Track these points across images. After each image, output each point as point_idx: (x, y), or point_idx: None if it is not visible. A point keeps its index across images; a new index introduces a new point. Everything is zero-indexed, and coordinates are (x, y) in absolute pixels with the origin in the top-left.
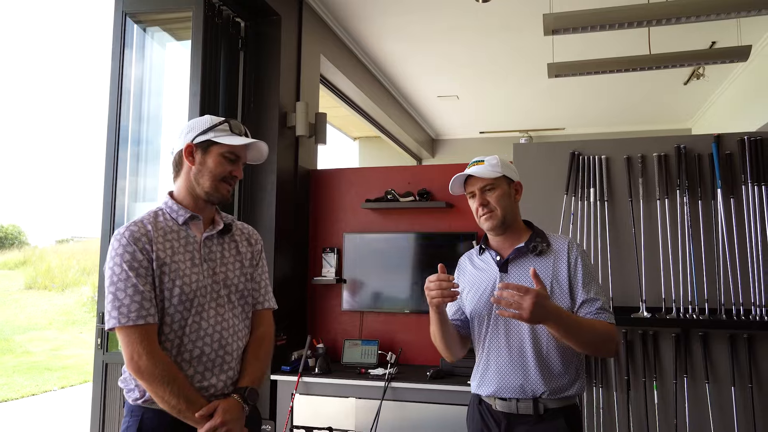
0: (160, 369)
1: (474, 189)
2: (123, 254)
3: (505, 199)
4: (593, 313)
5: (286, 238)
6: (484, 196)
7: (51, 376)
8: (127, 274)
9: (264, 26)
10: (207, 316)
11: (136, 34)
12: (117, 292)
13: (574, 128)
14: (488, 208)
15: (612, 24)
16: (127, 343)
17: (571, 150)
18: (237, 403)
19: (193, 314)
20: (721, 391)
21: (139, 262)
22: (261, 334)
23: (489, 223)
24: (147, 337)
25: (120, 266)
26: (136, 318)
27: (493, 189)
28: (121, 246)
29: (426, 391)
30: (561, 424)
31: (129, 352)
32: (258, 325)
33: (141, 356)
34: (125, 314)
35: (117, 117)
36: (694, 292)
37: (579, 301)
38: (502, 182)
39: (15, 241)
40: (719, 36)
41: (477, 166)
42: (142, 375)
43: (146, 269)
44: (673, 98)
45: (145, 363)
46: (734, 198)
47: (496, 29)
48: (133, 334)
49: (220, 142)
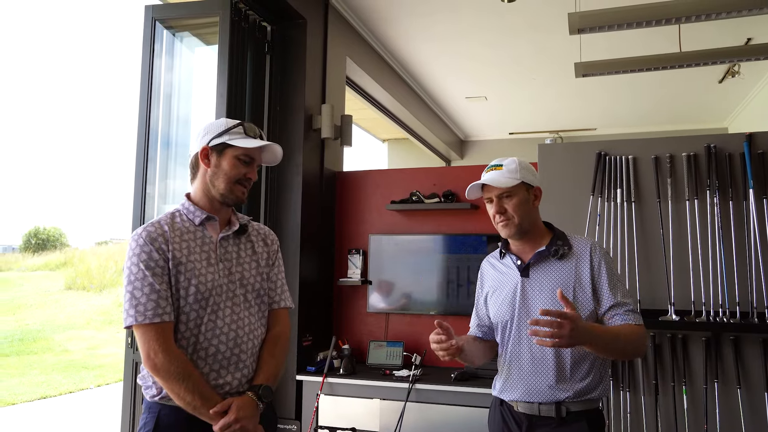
0: (176, 366)
1: (491, 195)
2: (140, 254)
3: (522, 206)
4: (621, 315)
5: (312, 239)
6: (501, 204)
7: (88, 374)
8: (144, 273)
9: (290, 30)
10: (222, 314)
11: (165, 39)
12: (134, 290)
13: (605, 128)
14: (505, 216)
15: (639, 22)
16: (143, 341)
17: (597, 150)
18: (251, 401)
19: (208, 312)
20: (753, 397)
21: (155, 261)
22: (277, 333)
23: (506, 231)
24: (163, 335)
25: (137, 266)
26: (152, 316)
27: (510, 196)
28: (138, 246)
29: (450, 393)
30: (583, 427)
31: (146, 350)
32: (274, 323)
33: (157, 353)
34: (142, 312)
35: (147, 120)
36: (724, 294)
37: (606, 305)
38: (520, 189)
39: (56, 243)
40: (754, 32)
41: (494, 171)
42: (158, 372)
43: (162, 268)
44: (707, 97)
45: (161, 360)
46: (767, 198)
47: (522, 29)
48: (150, 331)
49: (235, 145)
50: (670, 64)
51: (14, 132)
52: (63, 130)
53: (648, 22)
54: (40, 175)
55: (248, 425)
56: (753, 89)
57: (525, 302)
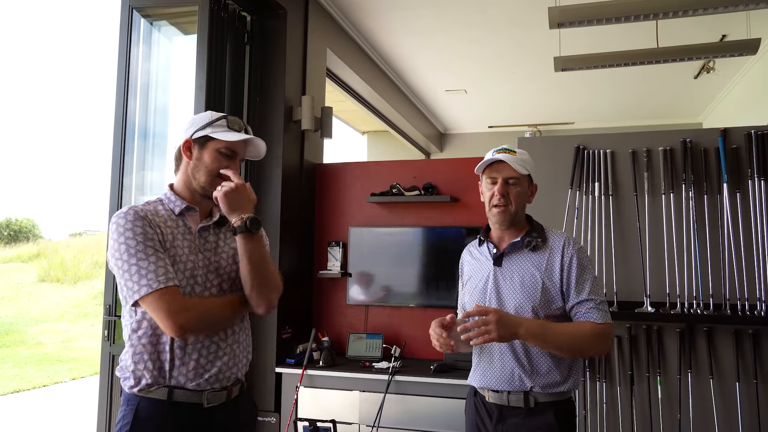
0: (196, 312)
1: (498, 177)
2: (134, 228)
3: (522, 197)
4: (585, 312)
5: (292, 231)
6: (506, 187)
7: (62, 367)
8: (145, 245)
9: (270, 20)
10: (209, 297)
11: (143, 28)
12: (139, 261)
13: (583, 123)
14: (505, 201)
15: (618, 17)
16: (161, 306)
17: (575, 144)
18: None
19: None
20: (725, 387)
21: (151, 235)
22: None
23: (500, 217)
24: (178, 295)
25: (134, 239)
26: (165, 280)
27: (516, 184)
28: (129, 222)
29: (429, 385)
30: (550, 418)
31: (164, 314)
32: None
33: (179, 313)
34: (154, 279)
35: (124, 111)
36: (699, 287)
37: (573, 301)
38: (525, 180)
39: (29, 235)
40: (729, 29)
41: (508, 154)
42: (188, 331)
43: (159, 243)
44: (683, 92)
45: (185, 318)
46: (740, 192)
47: (503, 23)
48: (166, 294)
49: (217, 138)
50: (648, 60)
51: None
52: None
53: (627, 17)
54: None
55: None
56: (727, 85)
57: (497, 291)
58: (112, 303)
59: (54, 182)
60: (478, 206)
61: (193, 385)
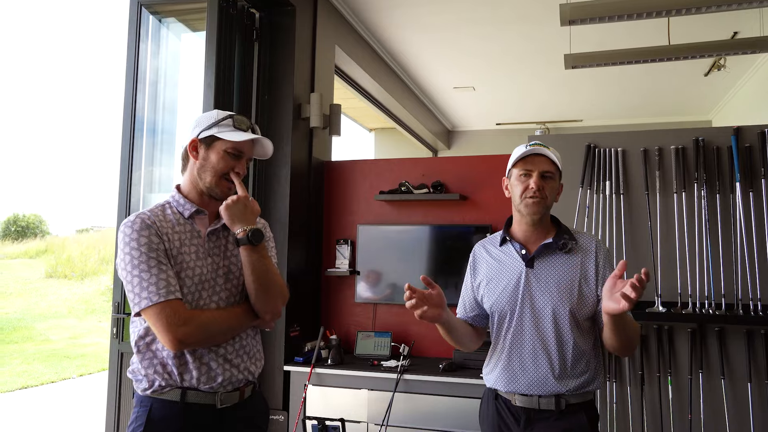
0: (197, 329)
1: (534, 170)
2: (138, 239)
3: (554, 192)
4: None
5: (300, 230)
6: (542, 181)
7: (70, 363)
8: (148, 256)
9: (278, 17)
10: (209, 309)
11: (151, 25)
12: (142, 273)
13: (592, 120)
14: (541, 194)
15: (630, 14)
16: (160, 319)
17: (586, 142)
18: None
19: (201, 306)
20: (737, 388)
21: (156, 245)
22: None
23: (534, 208)
24: (180, 309)
25: (138, 249)
26: (166, 294)
27: (551, 178)
28: (135, 231)
29: (438, 384)
30: (582, 419)
31: (164, 328)
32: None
33: (178, 327)
34: (155, 292)
35: (132, 107)
36: (710, 287)
37: None
38: (557, 176)
39: (36, 231)
40: (741, 26)
41: (544, 148)
42: (187, 344)
43: (164, 252)
44: (693, 90)
45: (184, 332)
46: (753, 192)
47: (512, 19)
48: (167, 308)
49: (224, 138)
50: (659, 57)
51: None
52: (44, 116)
53: (638, 14)
54: (20, 160)
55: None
56: (737, 83)
57: (529, 293)
58: (121, 301)
59: (61, 178)
60: (487, 205)
61: (207, 387)
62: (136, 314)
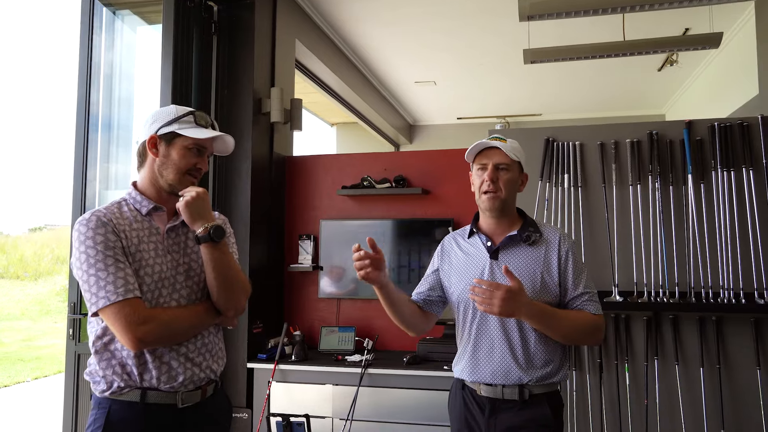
0: (157, 327)
1: (488, 162)
2: (94, 236)
3: (512, 184)
4: (579, 305)
5: (262, 225)
6: (496, 173)
7: (24, 367)
8: (105, 254)
9: (237, 10)
10: (170, 307)
11: (105, 17)
12: (98, 272)
13: (551, 114)
14: (495, 187)
15: (586, 10)
16: (118, 319)
17: (545, 136)
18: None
19: (161, 304)
20: (690, 372)
21: (113, 243)
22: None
23: (489, 203)
24: (139, 308)
25: (94, 248)
26: (124, 292)
27: (506, 170)
28: (90, 229)
29: (402, 377)
30: (545, 409)
31: (123, 327)
32: None
33: (138, 327)
34: (113, 291)
35: (86, 102)
36: (665, 276)
37: (571, 294)
38: (515, 167)
39: None
40: (692, 23)
41: (499, 141)
42: (147, 343)
43: (121, 250)
44: (647, 85)
45: (144, 331)
46: (704, 183)
47: (473, 14)
48: (126, 307)
49: (185, 135)
50: (615, 52)
51: None
52: None
53: (594, 10)
54: None
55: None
56: (689, 77)
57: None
58: (77, 301)
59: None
60: (449, 198)
61: (167, 387)
62: (93, 314)
